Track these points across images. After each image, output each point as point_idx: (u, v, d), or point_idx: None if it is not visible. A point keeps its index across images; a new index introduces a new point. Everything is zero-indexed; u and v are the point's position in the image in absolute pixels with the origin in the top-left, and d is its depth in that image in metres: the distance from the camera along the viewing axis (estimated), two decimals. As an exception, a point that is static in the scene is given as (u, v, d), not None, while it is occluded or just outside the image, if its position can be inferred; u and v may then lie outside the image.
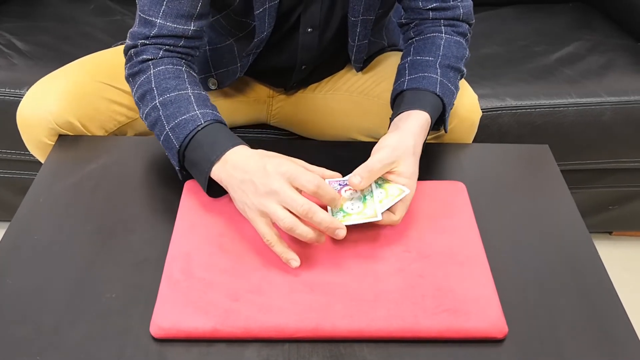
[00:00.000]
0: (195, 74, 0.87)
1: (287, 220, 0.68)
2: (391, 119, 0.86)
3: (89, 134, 0.96)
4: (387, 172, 0.77)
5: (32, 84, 0.97)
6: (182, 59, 0.87)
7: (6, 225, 1.56)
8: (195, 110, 0.78)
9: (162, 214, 0.80)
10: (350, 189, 0.76)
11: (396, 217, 0.74)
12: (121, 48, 1.06)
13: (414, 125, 0.82)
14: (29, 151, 0.99)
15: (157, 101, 0.80)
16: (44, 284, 0.70)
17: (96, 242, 0.75)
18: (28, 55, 1.40)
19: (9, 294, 0.68)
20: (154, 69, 0.83)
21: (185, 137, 0.77)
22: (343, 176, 0.77)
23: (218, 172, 0.75)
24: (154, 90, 0.81)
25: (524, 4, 1.76)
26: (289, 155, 0.75)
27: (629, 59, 1.50)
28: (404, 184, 0.76)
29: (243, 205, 0.73)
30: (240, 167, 0.73)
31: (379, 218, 0.71)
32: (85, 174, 0.86)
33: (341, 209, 0.74)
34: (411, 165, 0.77)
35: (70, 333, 0.65)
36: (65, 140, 0.93)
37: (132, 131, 1.03)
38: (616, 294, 0.72)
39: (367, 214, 0.72)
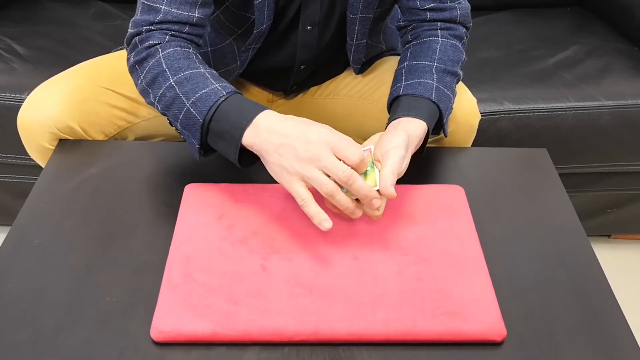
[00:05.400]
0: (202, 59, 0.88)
1: (329, 186, 0.70)
2: (388, 123, 0.87)
3: (89, 139, 0.96)
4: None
5: (33, 88, 0.97)
6: (189, 43, 0.87)
7: (4, 229, 1.56)
8: (215, 84, 0.79)
9: (162, 218, 0.80)
10: None
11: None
12: (122, 53, 1.07)
13: (415, 130, 0.83)
14: (29, 155, 1.00)
15: (171, 81, 0.80)
16: (45, 288, 0.70)
17: (96, 245, 0.76)
18: (28, 59, 1.41)
19: (9, 298, 0.69)
20: (162, 52, 0.83)
21: (209, 109, 0.77)
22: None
23: (250, 138, 0.75)
24: (166, 71, 0.81)
25: (522, 9, 1.77)
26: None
27: (627, 62, 1.50)
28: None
29: (280, 169, 0.73)
30: (277, 131, 0.73)
31: (376, 188, 0.73)
32: (86, 179, 0.86)
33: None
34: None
35: (70, 337, 0.65)
36: (66, 145, 0.93)
37: (133, 135, 1.03)
38: (614, 297, 0.72)
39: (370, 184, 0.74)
